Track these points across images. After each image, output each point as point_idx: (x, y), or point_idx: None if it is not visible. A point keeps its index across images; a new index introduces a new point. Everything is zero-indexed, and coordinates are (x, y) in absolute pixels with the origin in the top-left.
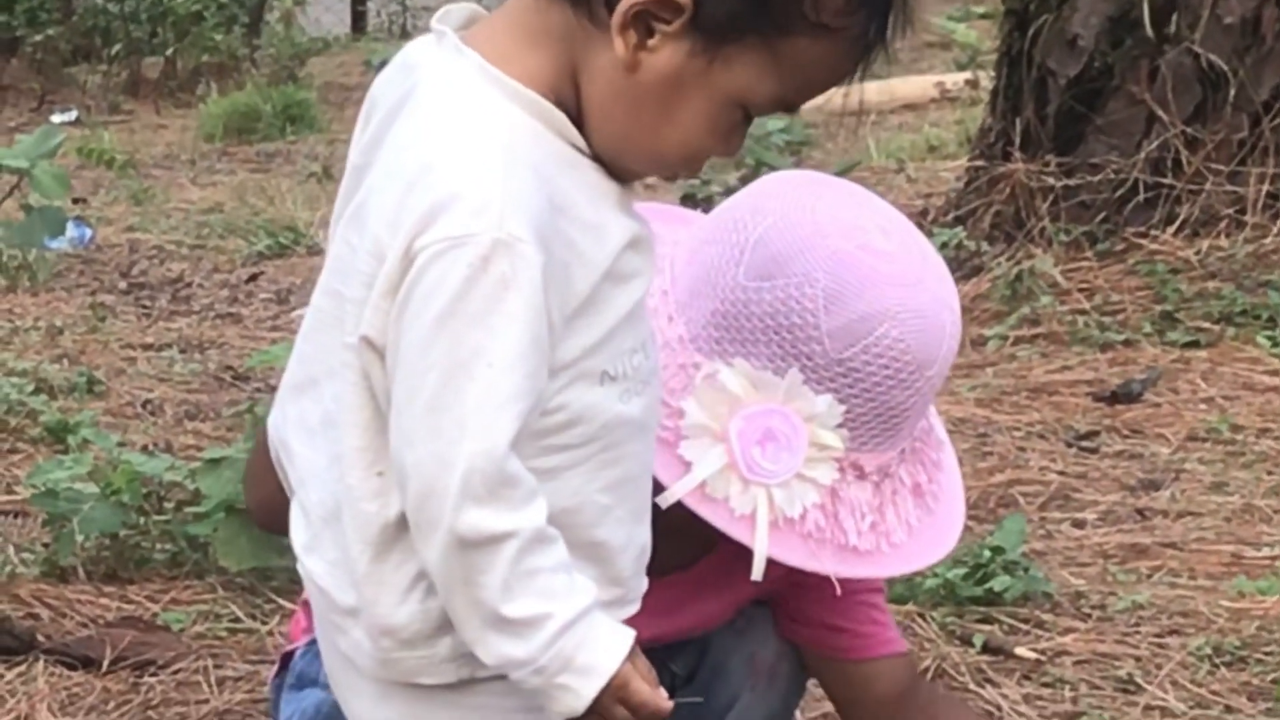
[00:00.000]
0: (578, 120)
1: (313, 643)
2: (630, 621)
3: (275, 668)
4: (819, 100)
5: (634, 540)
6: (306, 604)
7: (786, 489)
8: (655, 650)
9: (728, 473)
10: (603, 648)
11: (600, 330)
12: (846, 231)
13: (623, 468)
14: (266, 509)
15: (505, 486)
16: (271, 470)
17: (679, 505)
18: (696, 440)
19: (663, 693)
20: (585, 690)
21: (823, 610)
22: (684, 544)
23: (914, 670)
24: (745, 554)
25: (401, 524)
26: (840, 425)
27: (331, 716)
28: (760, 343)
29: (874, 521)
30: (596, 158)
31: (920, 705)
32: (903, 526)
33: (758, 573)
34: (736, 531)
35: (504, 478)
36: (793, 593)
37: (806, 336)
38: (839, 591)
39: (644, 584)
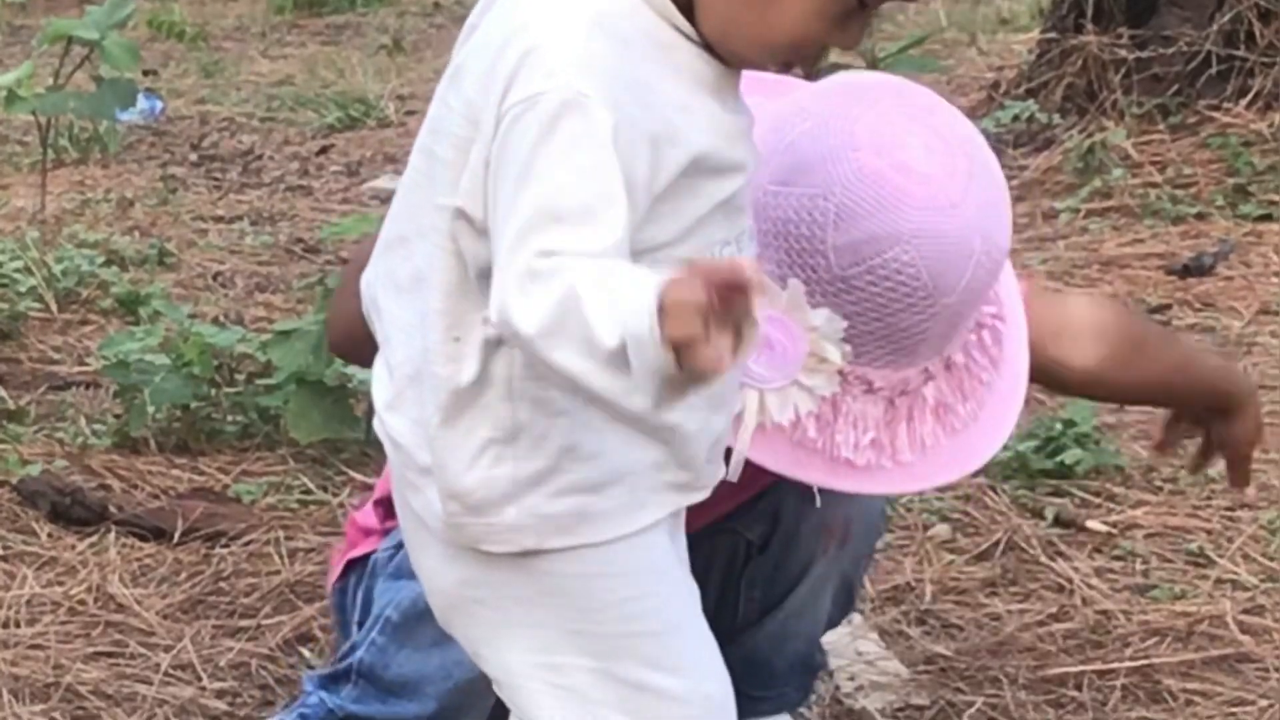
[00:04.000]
0: (688, 9)
1: None
2: (704, 501)
3: (337, 573)
4: None
5: (708, 428)
6: (379, 503)
7: (781, 394)
8: (728, 518)
9: None
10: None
11: (689, 218)
12: (882, 148)
13: None
14: (346, 332)
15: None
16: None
17: None
18: None
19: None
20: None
21: None
22: None
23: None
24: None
25: (472, 390)
26: (844, 340)
27: (427, 611)
28: (770, 247)
29: (875, 438)
30: (708, 46)
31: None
32: (914, 445)
33: (733, 474)
34: None
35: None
36: None
37: (813, 249)
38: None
39: (719, 473)
